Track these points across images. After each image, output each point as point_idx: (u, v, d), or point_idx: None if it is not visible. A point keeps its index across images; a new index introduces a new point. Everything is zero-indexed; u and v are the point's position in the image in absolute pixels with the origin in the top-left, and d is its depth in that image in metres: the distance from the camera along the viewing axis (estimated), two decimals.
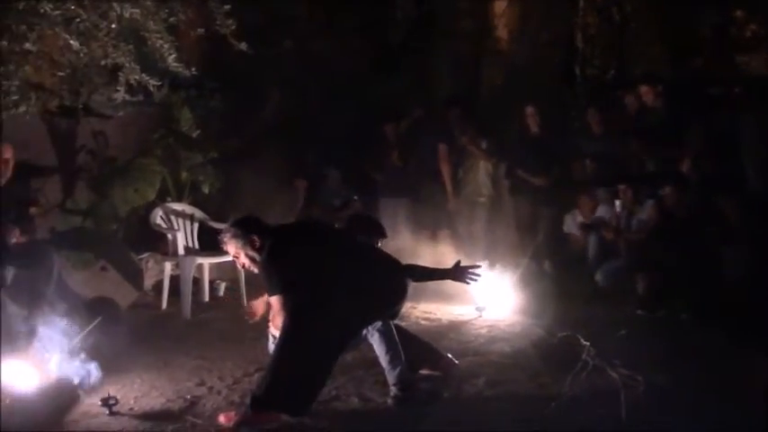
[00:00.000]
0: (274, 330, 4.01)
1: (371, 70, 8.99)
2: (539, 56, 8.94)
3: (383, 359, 4.03)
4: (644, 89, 7.18)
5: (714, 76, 7.76)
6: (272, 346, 4.08)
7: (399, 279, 4.14)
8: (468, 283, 4.28)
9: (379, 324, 4.06)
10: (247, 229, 4.07)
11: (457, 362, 4.49)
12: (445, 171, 7.60)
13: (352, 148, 8.13)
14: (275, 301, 3.89)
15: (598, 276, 6.54)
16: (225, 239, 4.12)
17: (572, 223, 7.35)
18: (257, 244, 4.00)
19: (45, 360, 4.06)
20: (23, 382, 4.00)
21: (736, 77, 7.74)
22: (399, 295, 4.14)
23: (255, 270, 4.07)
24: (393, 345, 4.04)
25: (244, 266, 4.15)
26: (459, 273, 4.23)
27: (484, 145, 7.70)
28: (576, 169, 7.73)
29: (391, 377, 3.99)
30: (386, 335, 4.05)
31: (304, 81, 8.43)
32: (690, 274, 5.84)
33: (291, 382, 3.72)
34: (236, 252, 4.10)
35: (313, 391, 3.81)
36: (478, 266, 4.31)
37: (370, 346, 4.12)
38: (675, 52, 8.37)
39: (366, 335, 4.09)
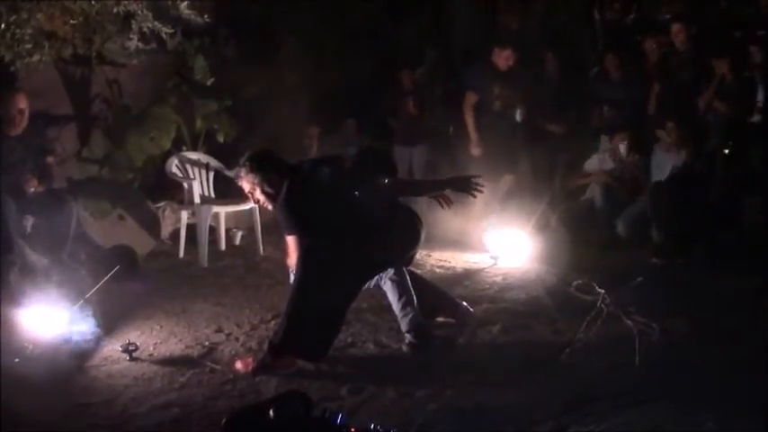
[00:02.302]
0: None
1: (387, 16, 8.84)
2: None
3: (396, 306, 4.06)
4: (676, 28, 6.99)
5: (737, 19, 7.55)
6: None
7: (413, 224, 4.12)
8: (474, 196, 4.05)
9: (391, 272, 4.05)
10: (265, 165, 3.96)
11: (472, 309, 4.51)
12: (469, 119, 7.38)
13: (367, 96, 8.05)
14: (291, 240, 3.92)
15: (619, 226, 6.45)
16: (241, 174, 3.98)
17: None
18: (276, 181, 3.92)
19: (65, 307, 4.12)
20: (44, 329, 4.07)
21: (761, 19, 7.52)
22: (413, 241, 4.13)
23: (269, 207, 4.01)
24: (405, 292, 4.04)
25: (258, 202, 4.07)
26: (461, 182, 4.08)
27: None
28: (594, 115, 7.62)
29: (404, 324, 4.02)
30: (398, 282, 4.05)
31: (318, 27, 8.31)
32: (708, 222, 5.79)
33: (307, 327, 3.76)
34: (251, 188, 3.98)
35: (329, 337, 3.86)
36: (479, 176, 4.08)
37: (385, 293, 4.14)
38: None
39: (379, 282, 4.09)
